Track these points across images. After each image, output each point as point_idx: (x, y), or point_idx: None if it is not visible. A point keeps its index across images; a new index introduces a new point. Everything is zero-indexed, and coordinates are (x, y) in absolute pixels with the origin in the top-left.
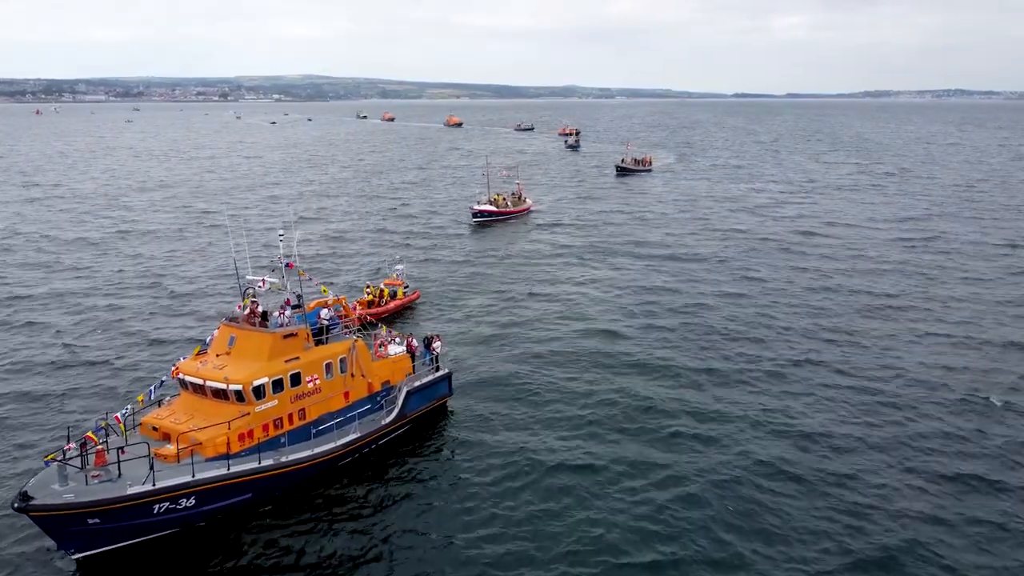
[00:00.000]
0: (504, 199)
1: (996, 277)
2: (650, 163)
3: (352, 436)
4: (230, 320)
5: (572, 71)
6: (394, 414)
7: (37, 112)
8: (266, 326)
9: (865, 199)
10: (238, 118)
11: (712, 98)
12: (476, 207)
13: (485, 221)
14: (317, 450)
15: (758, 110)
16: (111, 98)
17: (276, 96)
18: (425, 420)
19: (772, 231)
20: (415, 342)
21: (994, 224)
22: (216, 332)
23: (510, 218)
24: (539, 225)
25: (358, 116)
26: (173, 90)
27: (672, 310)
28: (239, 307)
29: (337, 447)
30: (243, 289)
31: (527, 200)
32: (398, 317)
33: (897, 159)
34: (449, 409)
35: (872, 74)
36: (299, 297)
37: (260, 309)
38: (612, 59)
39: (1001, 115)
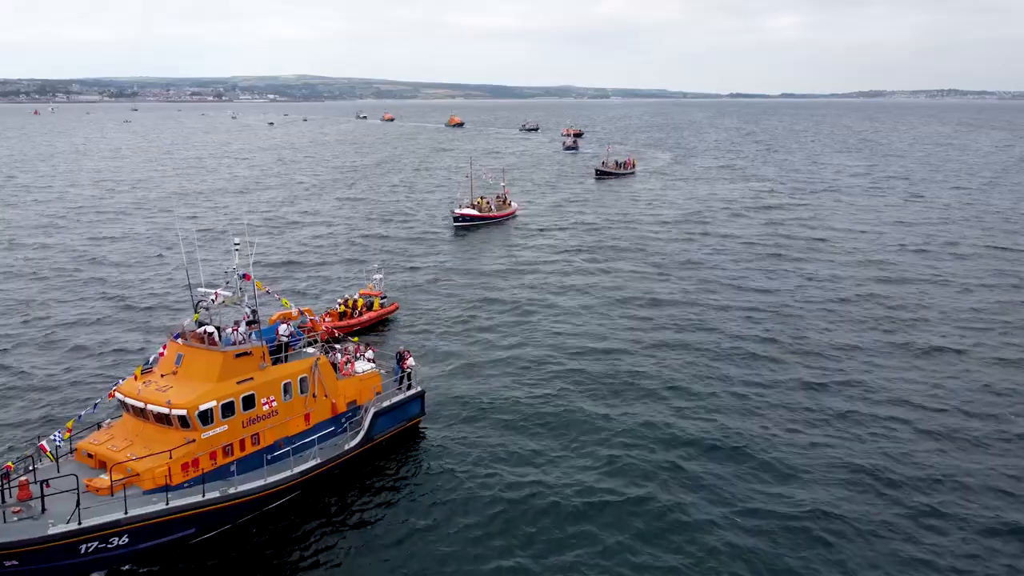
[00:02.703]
0: (488, 203)
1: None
2: (633, 165)
3: (311, 463)
4: (178, 336)
5: (568, 71)
6: (360, 437)
7: (35, 112)
8: (216, 344)
9: (865, 202)
10: (234, 118)
11: (707, 98)
12: (457, 211)
13: (467, 225)
14: (271, 479)
15: (753, 110)
16: (105, 98)
17: (271, 96)
18: (395, 443)
19: (766, 235)
20: (369, 354)
21: (1000, 230)
22: (162, 349)
23: (493, 223)
24: (522, 230)
25: (357, 116)
26: (167, 90)
27: (657, 323)
28: (185, 322)
29: (293, 475)
30: (195, 302)
31: (512, 204)
32: (372, 330)
33: (898, 159)
34: (422, 431)
35: (866, 74)
36: (254, 312)
37: (212, 325)
38: (608, 59)
39: (1000, 115)
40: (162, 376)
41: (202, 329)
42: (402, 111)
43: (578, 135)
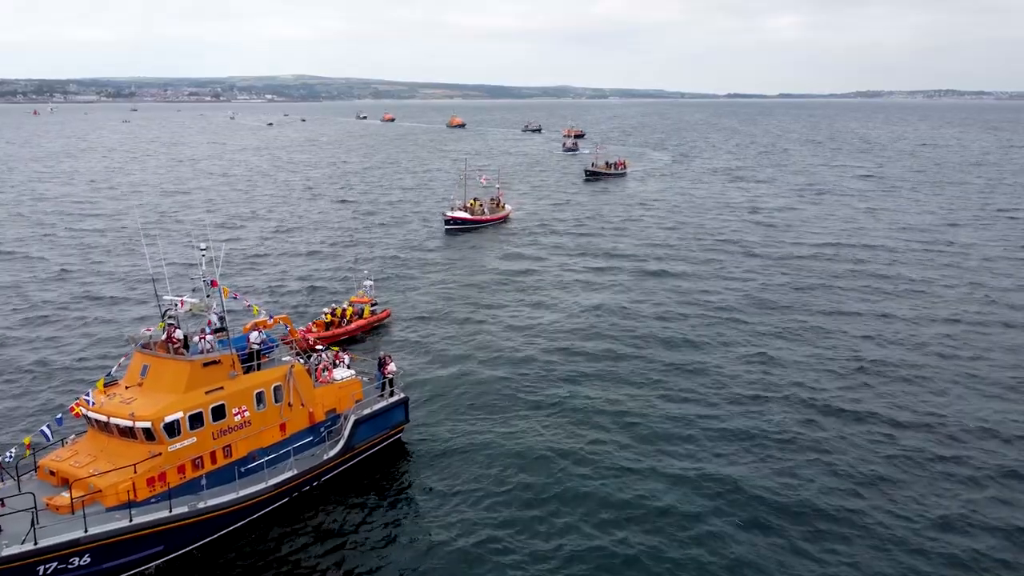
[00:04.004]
0: (481, 205)
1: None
2: (624, 166)
3: (287, 475)
4: (143, 347)
5: (565, 71)
6: (339, 446)
7: (35, 112)
8: (183, 353)
9: (865, 205)
10: (232, 118)
11: (705, 98)
12: (449, 214)
13: (459, 229)
14: (243, 493)
15: (751, 110)
16: (103, 98)
17: (269, 96)
18: (377, 452)
19: (763, 239)
20: (347, 360)
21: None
22: (123, 360)
23: (486, 226)
24: (514, 234)
25: (358, 117)
26: (165, 90)
27: (652, 334)
28: (147, 330)
29: (267, 488)
30: (162, 311)
31: (506, 206)
32: (360, 339)
33: (898, 160)
34: (405, 439)
35: (865, 74)
36: (222, 319)
37: (179, 333)
38: (608, 59)
39: (998, 115)
40: (127, 388)
41: (169, 327)
42: (401, 111)
43: (579, 136)
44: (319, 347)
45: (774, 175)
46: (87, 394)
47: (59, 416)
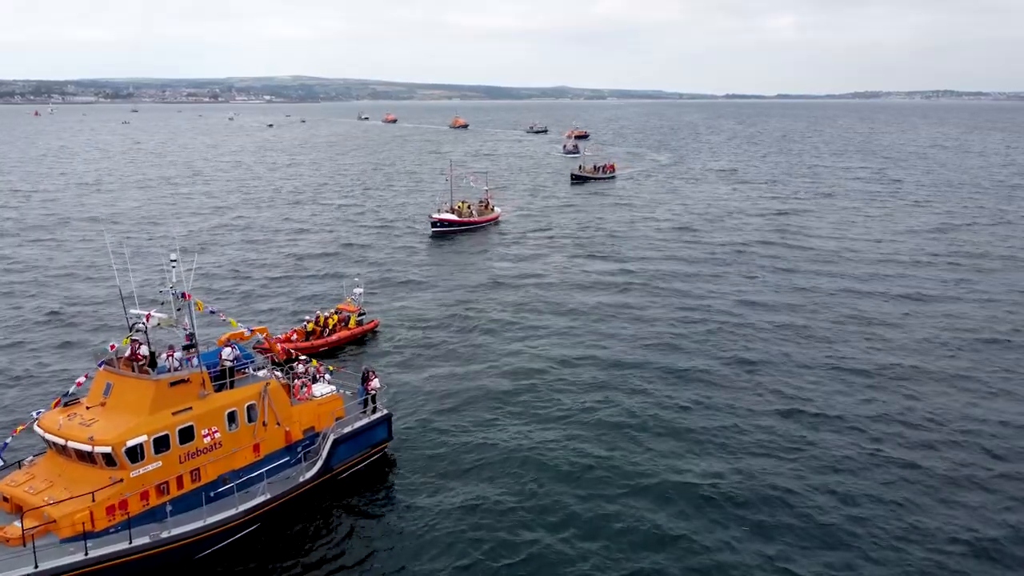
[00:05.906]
0: (469, 207)
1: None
2: (613, 169)
3: (259, 499)
4: (107, 364)
5: (564, 72)
6: (316, 468)
7: (35, 113)
8: (148, 372)
9: (865, 207)
10: (231, 120)
11: (703, 99)
12: (435, 216)
13: (446, 231)
14: (211, 520)
15: (749, 111)
16: (101, 99)
17: (267, 97)
18: (358, 472)
19: (758, 246)
20: (328, 376)
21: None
22: (83, 378)
23: (474, 228)
24: (504, 237)
25: (359, 117)
26: (163, 91)
27: (647, 342)
28: (112, 347)
29: (237, 514)
30: (129, 325)
31: (495, 209)
32: (344, 350)
33: (897, 161)
34: (389, 457)
35: (865, 74)
36: (192, 336)
37: (144, 350)
38: (608, 59)
39: (997, 116)
40: (88, 408)
41: (133, 343)
42: (401, 112)
43: (581, 137)
44: (301, 357)
45: (771, 176)
46: (43, 414)
47: (7, 441)
